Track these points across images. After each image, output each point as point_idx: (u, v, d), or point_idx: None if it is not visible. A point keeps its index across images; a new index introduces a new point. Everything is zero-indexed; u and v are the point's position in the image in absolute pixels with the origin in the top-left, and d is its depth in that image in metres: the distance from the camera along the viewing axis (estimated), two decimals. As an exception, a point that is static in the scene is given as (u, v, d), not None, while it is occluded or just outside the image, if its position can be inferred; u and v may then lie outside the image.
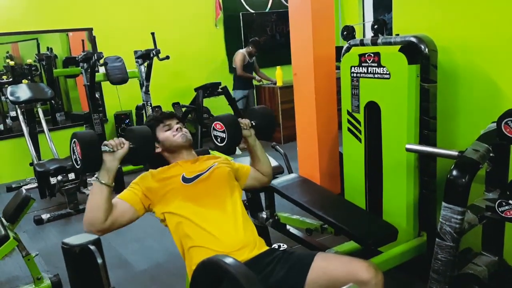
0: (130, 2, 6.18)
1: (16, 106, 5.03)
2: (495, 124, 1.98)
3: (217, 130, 2.09)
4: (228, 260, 1.31)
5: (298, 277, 1.76)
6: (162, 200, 1.94)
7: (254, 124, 2.20)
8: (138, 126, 2.00)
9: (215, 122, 2.09)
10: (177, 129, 2.09)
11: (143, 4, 6.25)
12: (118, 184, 5.07)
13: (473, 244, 2.35)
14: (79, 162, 1.80)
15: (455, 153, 2.03)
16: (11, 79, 5.73)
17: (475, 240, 2.32)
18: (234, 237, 1.87)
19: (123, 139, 1.88)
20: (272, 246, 1.97)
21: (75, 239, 1.47)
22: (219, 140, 2.10)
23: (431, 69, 2.46)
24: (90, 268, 1.42)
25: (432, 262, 2.02)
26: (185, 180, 1.97)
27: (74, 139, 1.80)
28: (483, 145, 2.00)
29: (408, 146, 2.33)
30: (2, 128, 5.96)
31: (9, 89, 4.95)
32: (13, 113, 5.32)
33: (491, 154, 2.02)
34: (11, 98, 4.90)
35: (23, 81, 5.38)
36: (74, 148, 1.81)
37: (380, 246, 2.49)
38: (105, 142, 1.83)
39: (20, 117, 5.03)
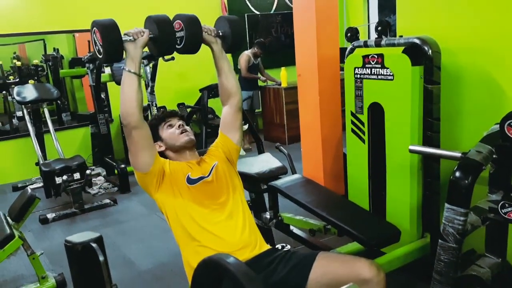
0: (135, 3, 6.20)
1: (23, 106, 5.07)
2: (498, 125, 1.98)
3: (177, 31, 1.96)
4: (229, 259, 1.32)
5: (299, 277, 1.77)
6: (167, 191, 1.93)
7: (220, 33, 2.05)
8: (157, 14, 1.92)
9: (175, 22, 1.97)
10: (179, 126, 2.08)
11: (148, 5, 6.27)
12: (124, 184, 5.13)
13: (477, 245, 2.35)
14: (101, 51, 1.77)
15: (458, 154, 2.04)
16: (18, 80, 5.77)
17: (478, 242, 2.31)
18: (235, 237, 1.88)
19: (142, 28, 1.87)
20: (276, 247, 1.98)
21: (77, 237, 1.49)
22: (178, 41, 1.97)
23: (435, 70, 2.46)
24: (92, 266, 1.44)
25: (435, 263, 2.02)
26: (190, 181, 1.97)
27: (94, 28, 1.77)
28: (486, 146, 2.00)
29: (411, 147, 2.34)
30: (9, 128, 6.00)
31: (15, 89, 5.00)
32: (19, 113, 5.35)
33: (494, 156, 2.02)
34: (17, 98, 4.95)
35: (29, 81, 5.41)
36: (95, 38, 1.78)
37: (383, 247, 2.49)
38: (125, 31, 1.81)
39: (27, 117, 5.07)
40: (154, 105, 5.52)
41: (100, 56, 1.80)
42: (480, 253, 2.30)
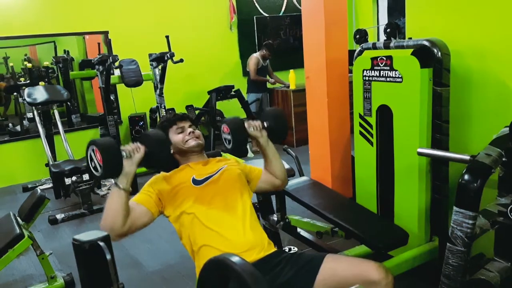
0: (145, 6, 6.24)
1: (33, 107, 5.11)
2: (508, 128, 1.96)
3: (225, 133, 2.13)
4: (235, 259, 1.32)
5: (307, 279, 1.76)
6: (173, 202, 1.96)
7: (266, 126, 2.18)
8: (152, 130, 2.00)
9: (223, 126, 2.13)
10: (189, 133, 2.10)
11: (158, 8, 6.31)
12: (132, 185, 5.14)
13: (485, 249, 2.33)
14: (99, 170, 1.79)
15: (467, 157, 2.02)
16: (28, 81, 5.82)
17: (487, 246, 2.29)
18: (242, 238, 1.88)
19: (139, 143, 1.89)
20: (283, 249, 1.97)
21: (85, 236, 1.50)
22: (227, 142, 2.13)
23: (444, 73, 2.45)
24: (99, 264, 1.44)
25: (443, 267, 2.00)
26: (195, 182, 1.98)
27: (93, 146, 1.79)
28: (495, 149, 1.98)
29: (420, 150, 2.32)
30: (19, 129, 6.05)
31: (26, 90, 5.04)
32: (30, 115, 5.40)
33: (503, 159, 2.00)
34: (28, 99, 4.99)
35: (40, 83, 5.46)
36: (93, 155, 1.80)
37: (390, 250, 2.49)
38: (121, 147, 1.84)
39: (37, 119, 5.11)
40: (163, 107, 5.55)
41: (97, 173, 1.81)
42: (489, 257, 2.28)
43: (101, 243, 1.43)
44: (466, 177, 1.88)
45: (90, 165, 1.83)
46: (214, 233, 1.87)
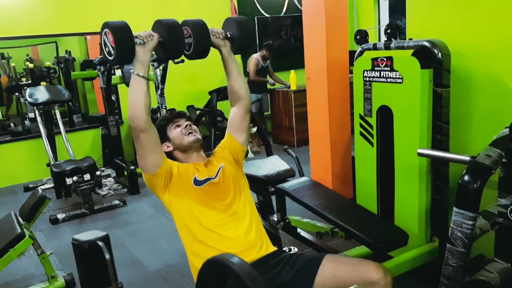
0: (147, 6, 6.25)
1: (35, 107, 5.13)
2: (508, 129, 1.96)
3: (185, 37, 1.96)
4: (233, 259, 1.32)
5: (306, 279, 1.76)
6: (174, 192, 1.94)
7: (229, 35, 2.04)
8: (165, 19, 1.92)
9: (183, 28, 1.96)
10: (186, 126, 2.09)
11: (159, 8, 6.32)
12: (133, 185, 5.16)
13: (485, 250, 2.33)
14: (112, 52, 1.76)
15: (467, 158, 2.02)
16: (30, 81, 5.84)
17: (487, 247, 2.29)
18: (241, 237, 1.89)
19: (151, 31, 1.87)
20: (283, 249, 1.98)
21: (84, 236, 1.51)
22: (187, 47, 1.98)
23: (444, 73, 2.45)
24: (99, 264, 1.45)
25: (443, 268, 2.00)
26: (197, 182, 1.98)
27: (105, 29, 1.76)
28: (495, 150, 1.98)
29: (420, 150, 2.32)
30: (21, 129, 6.07)
31: (28, 91, 5.06)
32: (31, 115, 5.42)
33: (503, 160, 2.00)
34: (29, 100, 5.00)
35: (41, 83, 5.47)
36: (106, 39, 1.76)
37: (390, 251, 2.49)
38: (135, 34, 1.80)
39: (38, 119, 5.12)
40: (164, 107, 5.55)
41: (111, 58, 1.79)
42: (489, 258, 2.28)
43: (100, 243, 1.44)
44: (466, 178, 1.87)
45: (105, 51, 1.81)
46: (213, 233, 1.88)
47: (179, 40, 1.90)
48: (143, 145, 1.85)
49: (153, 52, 1.90)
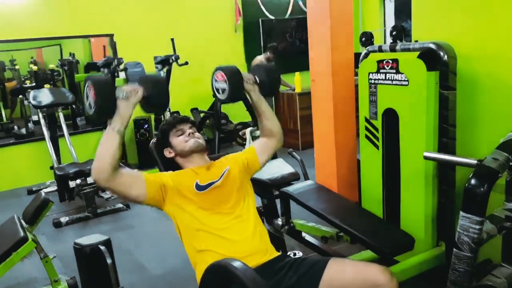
0: (151, 9, 6.25)
1: (38, 110, 5.12)
2: (515, 132, 1.94)
3: (218, 81, 2.03)
4: (237, 264, 1.31)
5: (310, 283, 1.74)
6: (175, 201, 1.93)
7: (258, 80, 2.13)
8: (151, 73, 1.96)
9: (216, 73, 2.03)
10: (189, 134, 2.08)
11: (163, 11, 6.31)
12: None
13: (493, 255, 2.31)
14: (93, 106, 1.74)
15: (473, 161, 2.00)
16: (34, 84, 5.84)
17: (494, 251, 2.26)
18: (246, 243, 1.87)
19: (137, 85, 1.85)
20: (287, 253, 1.96)
21: (86, 240, 1.49)
22: (220, 91, 2.05)
23: (450, 76, 2.42)
24: (100, 268, 1.43)
25: (450, 273, 1.98)
26: (199, 187, 1.96)
27: (88, 83, 1.75)
28: (502, 154, 1.96)
29: (426, 154, 2.30)
30: (24, 132, 6.06)
31: (32, 93, 5.05)
32: (35, 117, 5.42)
33: (511, 163, 1.97)
34: (33, 102, 5.00)
35: (45, 85, 5.47)
36: (88, 92, 1.76)
37: (396, 255, 2.46)
38: (119, 87, 1.80)
39: (42, 121, 5.12)
40: (168, 110, 5.54)
41: (91, 112, 1.77)
42: (496, 263, 2.25)
43: (102, 247, 1.42)
44: (473, 181, 1.85)
45: (85, 104, 1.79)
46: (218, 238, 1.86)
47: (164, 96, 1.93)
48: (116, 191, 1.83)
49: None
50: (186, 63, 5.39)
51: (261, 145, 2.19)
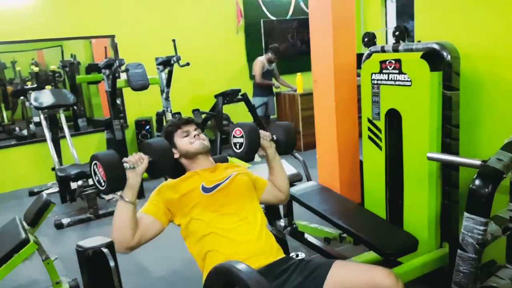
0: (152, 10, 6.25)
1: (40, 111, 5.12)
2: (520, 133, 1.92)
3: (236, 137, 2.11)
4: (240, 266, 1.30)
5: (315, 285, 1.73)
6: (181, 210, 1.94)
7: (275, 138, 2.19)
8: (154, 139, 1.98)
9: (235, 129, 2.11)
10: (194, 136, 2.08)
11: (164, 12, 6.31)
12: (138, 190, 5.12)
13: (497, 256, 2.29)
14: (103, 184, 1.76)
15: (477, 162, 1.98)
16: (35, 85, 5.84)
17: (499, 252, 2.25)
18: (253, 244, 1.86)
19: (142, 154, 1.87)
20: (290, 255, 1.95)
21: (89, 242, 1.48)
22: (237, 146, 2.11)
23: (454, 76, 2.41)
24: (103, 271, 1.42)
25: (454, 274, 1.96)
26: (205, 190, 1.96)
27: (95, 161, 1.77)
28: (507, 154, 1.94)
29: (429, 154, 2.29)
30: (26, 134, 6.07)
31: (33, 95, 5.05)
32: (36, 119, 5.42)
33: (515, 164, 1.96)
34: (34, 103, 5.00)
35: (46, 87, 5.47)
36: (96, 169, 1.77)
37: (400, 257, 2.45)
38: (125, 159, 1.81)
39: (43, 123, 5.12)
40: (169, 111, 5.54)
41: (102, 188, 1.78)
42: (501, 264, 2.24)
43: (105, 250, 1.41)
44: (477, 182, 1.84)
45: (94, 179, 1.80)
46: (223, 239, 1.85)
47: (168, 159, 1.94)
48: (141, 245, 1.86)
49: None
50: (188, 64, 5.38)
51: (272, 189, 2.22)
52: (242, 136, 2.07)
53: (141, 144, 1.97)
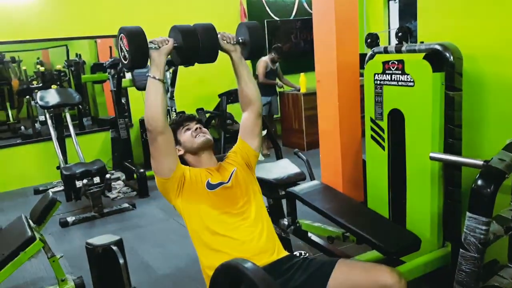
0: (156, 10, 6.27)
1: (45, 110, 5.16)
2: (522, 133, 1.93)
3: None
4: (247, 264, 1.32)
5: (318, 284, 1.75)
6: (187, 198, 1.94)
7: (240, 40, 2.04)
8: (182, 25, 1.96)
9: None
10: (196, 129, 2.09)
11: (169, 11, 6.33)
12: (143, 188, 5.17)
13: (499, 255, 2.30)
14: (127, 56, 1.81)
15: (480, 162, 2.00)
16: (41, 84, 5.88)
17: (501, 252, 2.26)
18: (254, 241, 1.88)
19: (167, 37, 1.91)
20: (294, 253, 1.96)
21: (98, 240, 1.50)
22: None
23: (456, 77, 2.42)
24: (112, 268, 1.45)
25: (456, 274, 1.98)
26: (209, 186, 1.97)
27: (121, 34, 1.82)
28: (509, 154, 1.96)
29: (432, 154, 2.30)
30: (31, 132, 6.11)
31: (38, 94, 5.09)
32: (42, 118, 5.45)
33: (517, 164, 1.97)
34: (40, 102, 5.04)
35: (52, 86, 5.51)
36: (121, 44, 1.83)
37: (402, 256, 2.46)
38: (150, 39, 1.85)
39: (49, 122, 5.16)
40: (174, 110, 5.57)
41: (126, 62, 1.84)
42: (503, 263, 2.25)
43: (114, 247, 1.44)
44: (479, 182, 1.85)
45: (121, 56, 1.86)
46: (226, 238, 1.87)
47: (194, 46, 1.92)
48: (159, 148, 1.86)
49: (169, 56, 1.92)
50: (192, 64, 5.39)
51: (244, 130, 2.13)
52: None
53: (171, 28, 1.96)
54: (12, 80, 6.16)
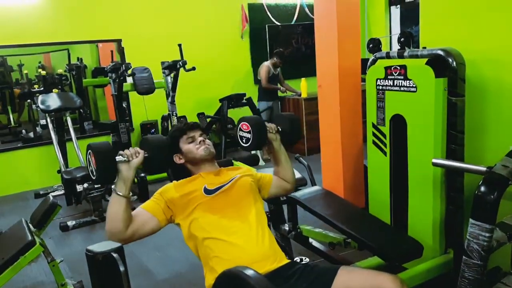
0: (158, 15, 6.28)
1: (46, 114, 5.15)
2: (525, 139, 1.92)
3: (243, 131, 2.14)
4: (249, 272, 1.30)
5: (320, 291, 1.74)
6: (183, 211, 1.94)
7: (280, 129, 2.21)
8: (153, 135, 2.01)
9: (241, 123, 2.14)
10: (200, 142, 2.09)
11: (171, 16, 6.35)
12: (143, 193, 5.15)
13: (502, 263, 2.29)
14: (94, 173, 1.81)
15: (483, 168, 1.98)
16: (42, 88, 5.88)
17: (504, 259, 2.25)
18: (256, 248, 1.86)
19: (138, 148, 1.90)
20: (294, 259, 1.95)
21: (98, 247, 1.49)
22: (244, 140, 2.14)
23: (459, 82, 2.41)
24: (113, 276, 1.43)
25: (459, 281, 1.96)
26: (207, 191, 1.97)
27: (89, 151, 1.82)
28: (512, 161, 1.95)
29: (434, 160, 2.29)
30: (32, 136, 6.11)
31: (40, 98, 5.08)
32: (43, 121, 5.45)
33: (521, 171, 1.96)
34: (41, 106, 5.03)
35: (53, 90, 5.51)
36: (90, 159, 1.83)
37: (404, 262, 2.44)
38: (120, 151, 1.84)
39: (50, 125, 5.15)
40: (175, 114, 5.56)
41: (94, 178, 1.84)
42: (506, 270, 2.24)
43: (115, 255, 1.42)
44: (482, 189, 1.84)
45: (89, 169, 1.86)
46: (226, 244, 1.85)
47: (164, 156, 1.98)
48: (134, 240, 1.88)
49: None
50: (193, 68, 5.40)
51: (278, 181, 2.26)
52: (249, 132, 2.10)
53: (141, 140, 1.99)
54: (14, 88, 6.17)
